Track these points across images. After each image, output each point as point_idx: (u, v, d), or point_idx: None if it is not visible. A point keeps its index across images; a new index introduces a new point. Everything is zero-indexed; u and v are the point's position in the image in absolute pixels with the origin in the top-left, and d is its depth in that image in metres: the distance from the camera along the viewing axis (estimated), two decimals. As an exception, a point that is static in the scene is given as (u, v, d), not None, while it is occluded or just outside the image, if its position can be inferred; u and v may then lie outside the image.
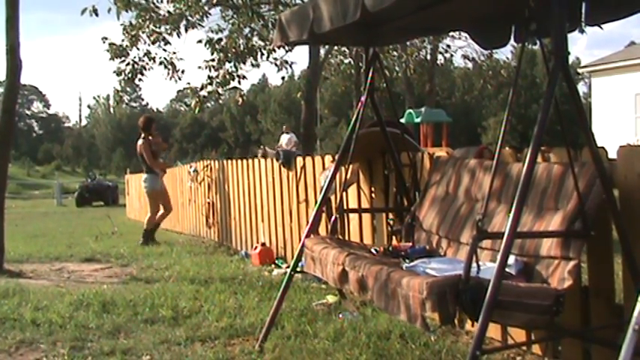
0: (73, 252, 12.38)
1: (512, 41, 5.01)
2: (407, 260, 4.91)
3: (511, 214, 3.61)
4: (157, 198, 13.93)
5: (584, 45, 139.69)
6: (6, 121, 10.20)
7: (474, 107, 70.78)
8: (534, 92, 61.85)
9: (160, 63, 19.38)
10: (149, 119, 14.62)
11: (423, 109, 30.66)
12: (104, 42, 18.94)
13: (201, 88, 19.87)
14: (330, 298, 7.14)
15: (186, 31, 18.29)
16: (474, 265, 3.68)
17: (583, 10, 4.21)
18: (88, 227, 18.70)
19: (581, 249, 4.05)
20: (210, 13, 18.73)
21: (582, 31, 4.60)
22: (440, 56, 34.15)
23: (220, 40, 19.24)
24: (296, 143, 13.76)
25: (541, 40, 4.09)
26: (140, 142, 13.89)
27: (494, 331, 5.49)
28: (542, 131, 3.70)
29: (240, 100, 22.26)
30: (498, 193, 4.80)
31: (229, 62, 19.20)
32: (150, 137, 13.91)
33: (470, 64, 35.78)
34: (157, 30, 18.55)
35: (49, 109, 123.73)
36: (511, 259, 4.08)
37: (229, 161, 12.96)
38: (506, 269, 3.82)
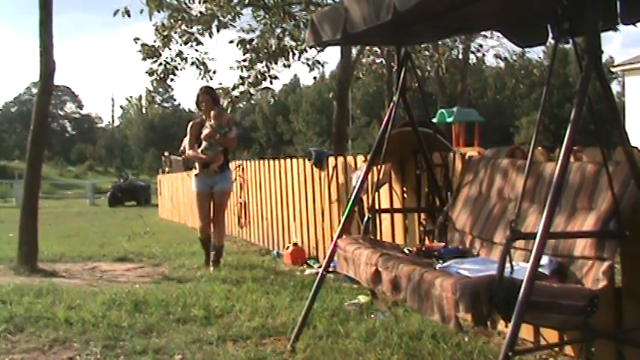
0: (105, 252, 12.45)
1: (550, 40, 4.98)
2: (440, 260, 4.89)
3: (544, 215, 3.59)
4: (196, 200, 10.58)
5: (618, 43, 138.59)
6: (40, 121, 10.29)
7: (506, 107, 70.61)
8: (567, 91, 61.59)
9: (192, 63, 19.39)
10: (201, 89, 10.50)
11: (455, 109, 30.54)
12: (136, 42, 19.01)
13: (233, 89, 19.89)
14: (362, 298, 7.13)
15: (217, 31, 18.26)
16: (508, 265, 3.66)
17: (618, 9, 4.18)
18: (120, 227, 18.81)
19: (616, 249, 4.02)
20: (241, 14, 18.71)
21: (616, 30, 4.53)
22: (472, 55, 34.13)
23: (252, 40, 19.25)
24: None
25: (574, 39, 4.07)
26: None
27: (526, 331, 5.46)
28: (576, 131, 3.67)
29: (272, 100, 22.30)
30: (531, 193, 4.77)
31: (261, 62, 19.21)
32: (204, 116, 10.34)
33: (502, 64, 35.71)
34: (189, 30, 18.57)
35: (81, 109, 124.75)
36: (545, 260, 4.05)
37: (261, 161, 12.98)
38: (540, 269, 3.80)
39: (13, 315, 6.87)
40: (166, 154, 27.89)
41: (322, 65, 20.58)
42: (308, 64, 20.16)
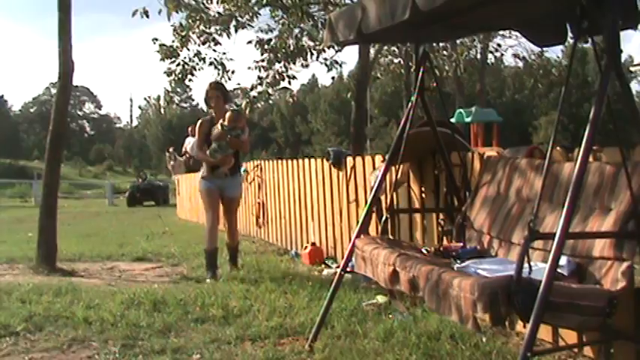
0: (124, 251, 12.46)
1: (569, 39, 4.96)
2: (458, 261, 4.89)
3: (562, 215, 3.58)
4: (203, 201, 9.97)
5: (638, 42, 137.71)
6: (58, 121, 10.33)
7: (525, 106, 70.37)
8: (586, 91, 61.36)
9: (210, 63, 19.45)
10: (210, 85, 9.86)
11: (473, 109, 30.42)
12: (154, 43, 19.08)
13: (252, 89, 19.94)
14: (380, 298, 7.12)
15: (236, 31, 18.32)
16: (526, 265, 3.65)
17: (638, 8, 4.15)
18: (139, 227, 18.81)
19: (635, 250, 4.00)
20: (259, 14, 18.77)
21: (636, 29, 4.52)
22: (490, 55, 33.97)
23: (270, 40, 19.31)
24: None
25: (593, 38, 4.05)
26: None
27: (544, 332, 5.44)
28: (595, 131, 3.66)
29: (292, 100, 22.33)
30: (550, 193, 4.75)
31: (279, 62, 19.26)
32: (214, 113, 9.61)
33: (520, 63, 35.55)
34: (207, 31, 18.63)
35: (100, 109, 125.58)
36: (563, 260, 4.03)
37: (280, 161, 12.98)
38: (559, 270, 3.79)
39: (32, 314, 6.90)
40: (171, 149, 27.94)
41: (340, 65, 20.65)
42: (326, 64, 20.21)
